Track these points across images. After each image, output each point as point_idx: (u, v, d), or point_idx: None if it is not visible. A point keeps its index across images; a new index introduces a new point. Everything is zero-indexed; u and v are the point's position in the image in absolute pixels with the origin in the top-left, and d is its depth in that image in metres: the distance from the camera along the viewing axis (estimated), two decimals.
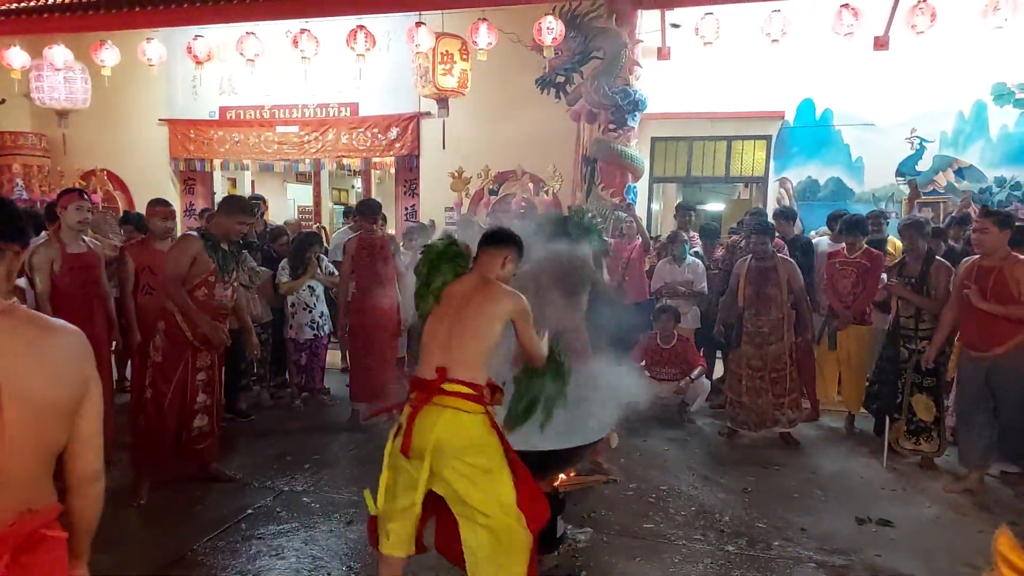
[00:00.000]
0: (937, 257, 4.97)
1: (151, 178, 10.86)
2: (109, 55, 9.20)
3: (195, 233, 4.17)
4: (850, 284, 5.48)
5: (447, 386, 2.55)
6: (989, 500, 4.34)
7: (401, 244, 7.02)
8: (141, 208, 8.65)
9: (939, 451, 4.91)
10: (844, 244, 5.63)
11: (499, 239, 2.89)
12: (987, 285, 4.23)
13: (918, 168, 8.21)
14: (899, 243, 5.76)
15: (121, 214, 8.31)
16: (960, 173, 8.13)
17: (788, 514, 4.08)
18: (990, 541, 3.45)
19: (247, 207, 4.34)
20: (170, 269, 4.00)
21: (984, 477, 4.52)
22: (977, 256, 4.39)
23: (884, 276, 5.40)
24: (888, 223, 6.88)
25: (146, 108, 10.85)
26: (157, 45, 9.21)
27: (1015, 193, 7.95)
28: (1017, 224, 4.43)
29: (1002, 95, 7.91)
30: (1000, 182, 8.00)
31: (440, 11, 8.46)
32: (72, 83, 9.88)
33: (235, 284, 4.28)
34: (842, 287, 5.52)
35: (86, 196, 4.47)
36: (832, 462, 5.00)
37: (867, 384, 5.52)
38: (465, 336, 2.62)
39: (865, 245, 5.54)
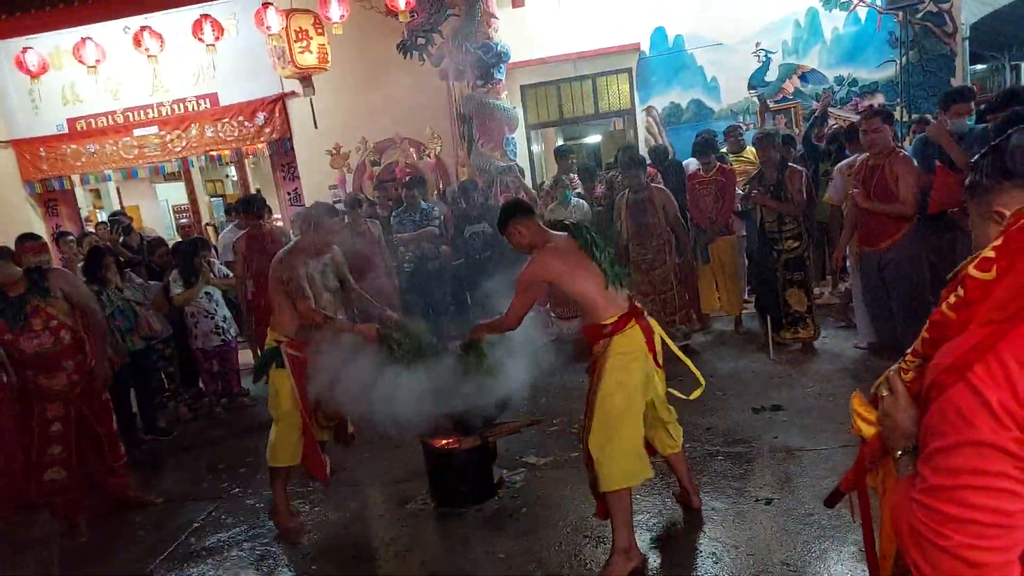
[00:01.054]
0: (789, 164, 5.47)
1: (5, 205, 10.08)
2: None
3: None
4: (711, 200, 5.96)
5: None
6: (860, 370, 4.96)
7: (291, 232, 6.98)
8: (3, 239, 8.12)
9: (815, 335, 5.51)
10: (700, 164, 6.07)
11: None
12: (871, 184, 4.56)
13: (767, 79, 8.81)
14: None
15: None
16: (804, 78, 8.78)
17: (694, 417, 4.51)
18: None
19: (4, 252, 3.92)
20: None
21: (858, 350, 5.12)
22: (865, 155, 4.68)
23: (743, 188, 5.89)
24: (744, 134, 7.40)
25: None
26: None
27: (853, 89, 8.70)
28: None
29: (829, 0, 8.54)
30: (839, 81, 8.71)
31: None
32: None
33: (53, 326, 3.87)
34: (704, 204, 6.00)
35: None
36: (727, 363, 5.53)
37: (746, 287, 6.07)
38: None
39: (719, 163, 6.01)
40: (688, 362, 3.37)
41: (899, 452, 1.20)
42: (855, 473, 1.46)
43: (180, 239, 8.27)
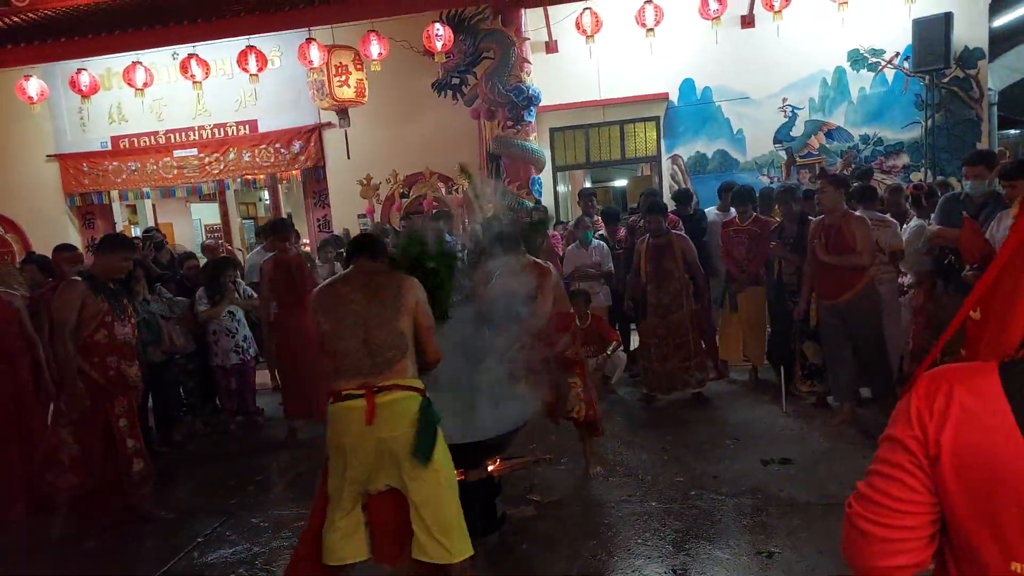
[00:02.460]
0: (809, 217, 5.52)
1: (45, 217, 10.47)
2: None
3: (77, 278, 4.10)
4: (744, 250, 6.02)
5: None
6: (871, 427, 4.93)
7: (316, 258, 7.15)
8: (39, 248, 8.41)
9: (830, 390, 5.48)
10: (736, 213, 6.15)
11: None
12: (830, 240, 4.80)
13: (792, 134, 8.92)
14: None
15: (23, 256, 8.01)
16: (830, 135, 8.88)
17: (702, 464, 4.52)
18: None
19: (127, 243, 4.34)
20: (57, 319, 3.91)
21: (856, 408, 5.09)
22: (822, 216, 4.95)
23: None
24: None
25: (31, 145, 10.43)
26: (36, 81, 8.89)
27: (879, 148, 8.77)
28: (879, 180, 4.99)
29: (857, 60, 8.67)
30: (864, 139, 8.79)
31: (330, 26, 8.53)
32: None
33: (133, 320, 4.24)
34: (737, 253, 6.05)
35: None
36: (739, 413, 5.52)
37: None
38: None
39: (754, 213, 6.08)
40: None
41: None
42: None
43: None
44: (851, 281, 4.79)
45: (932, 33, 7.79)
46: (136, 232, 11.07)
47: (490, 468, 3.80)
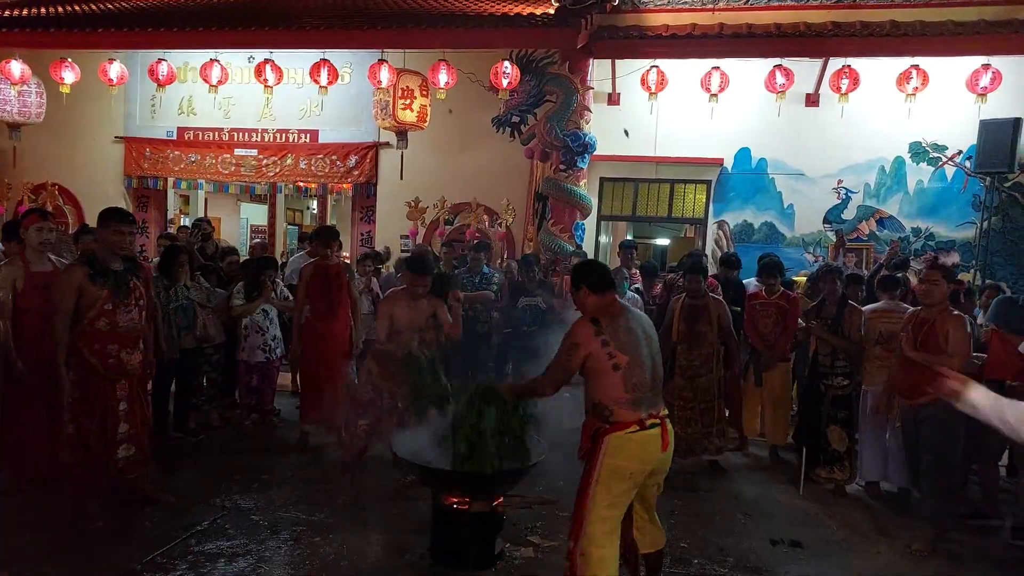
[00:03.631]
0: (850, 301, 5.44)
1: (103, 194, 10.80)
2: (68, 73, 9.25)
3: (76, 263, 4.01)
4: (771, 323, 5.92)
5: None
6: (889, 525, 4.75)
7: (355, 270, 7.24)
8: (92, 223, 8.67)
9: (850, 479, 5.33)
10: (763, 286, 6.07)
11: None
12: (920, 335, 4.43)
13: (843, 216, 8.86)
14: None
15: (79, 227, 8.27)
16: (881, 223, 8.79)
17: (709, 535, 4.40)
18: (887, 560, 3.86)
19: (120, 215, 4.06)
20: (55, 304, 3.84)
21: (875, 504, 4.87)
22: (919, 307, 4.57)
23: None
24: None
25: (103, 125, 10.87)
26: (118, 65, 9.31)
27: (929, 243, 8.65)
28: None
29: (918, 153, 8.63)
30: (916, 232, 8.68)
31: (402, 50, 8.80)
32: (26, 96, 9.86)
33: (141, 305, 4.05)
34: (763, 326, 5.96)
35: (48, 217, 4.57)
36: (754, 488, 5.37)
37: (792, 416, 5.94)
38: None
39: (782, 288, 6.01)
40: None
41: None
42: None
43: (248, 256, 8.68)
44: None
45: (999, 136, 7.73)
46: (185, 221, 11.37)
47: (495, 502, 3.76)
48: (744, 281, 7.01)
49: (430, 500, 3.89)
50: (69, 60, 9.31)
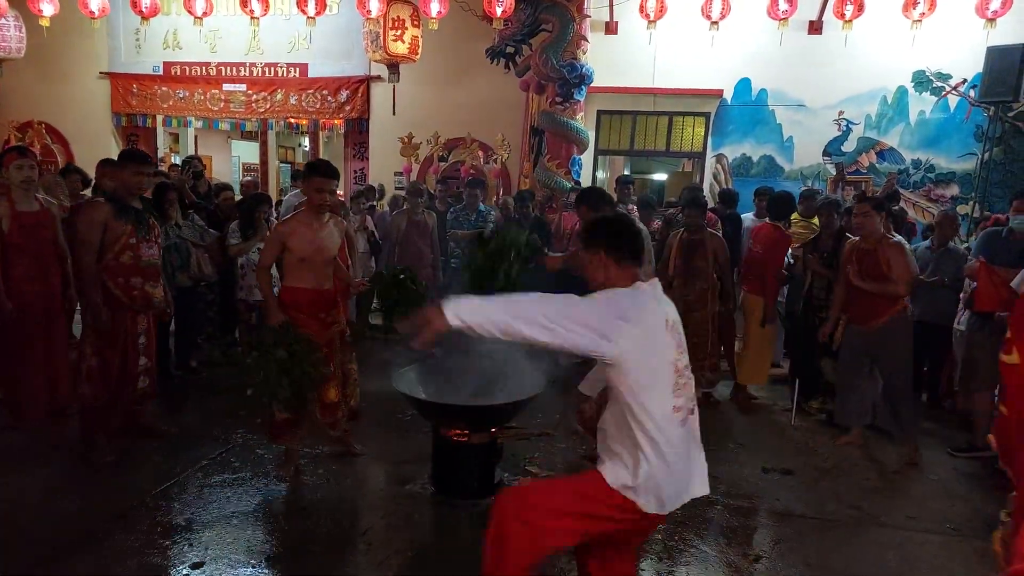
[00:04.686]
0: (847, 234, 5.43)
1: (91, 132, 10.64)
2: (47, 6, 8.92)
3: (100, 199, 4.09)
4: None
5: None
6: (877, 454, 4.88)
7: (349, 207, 7.19)
8: (81, 162, 8.56)
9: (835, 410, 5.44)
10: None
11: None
12: (864, 265, 4.67)
13: (843, 148, 8.75)
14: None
15: (65, 165, 8.16)
16: (881, 155, 8.69)
17: None
18: (876, 488, 3.94)
19: (139, 156, 4.17)
20: (81, 239, 3.92)
21: (866, 431, 5.04)
22: (858, 239, 4.79)
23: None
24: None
25: (87, 61, 10.58)
26: None
27: (929, 175, 8.57)
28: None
29: (921, 82, 8.46)
30: (916, 164, 8.60)
31: None
32: (5, 31, 9.55)
33: (160, 242, 4.22)
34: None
35: (28, 154, 4.49)
36: (747, 417, 5.50)
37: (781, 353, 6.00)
38: None
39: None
40: None
41: None
42: None
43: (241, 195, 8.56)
44: (883, 309, 4.62)
45: (1006, 63, 7.53)
46: (176, 160, 11.20)
47: (493, 432, 3.84)
48: (742, 215, 6.98)
49: (431, 433, 3.98)
50: None
